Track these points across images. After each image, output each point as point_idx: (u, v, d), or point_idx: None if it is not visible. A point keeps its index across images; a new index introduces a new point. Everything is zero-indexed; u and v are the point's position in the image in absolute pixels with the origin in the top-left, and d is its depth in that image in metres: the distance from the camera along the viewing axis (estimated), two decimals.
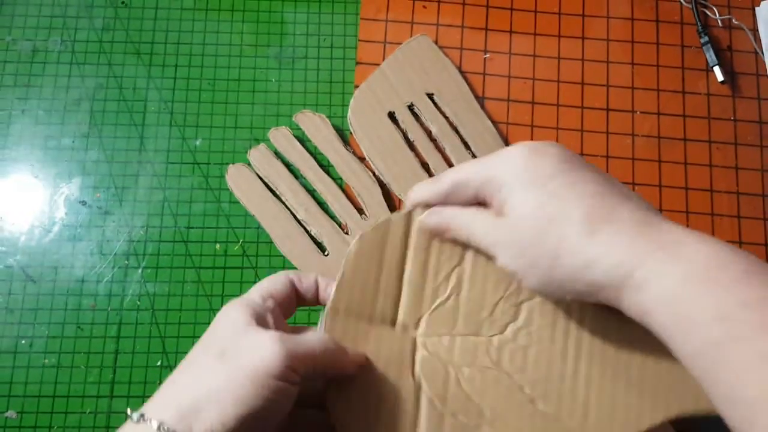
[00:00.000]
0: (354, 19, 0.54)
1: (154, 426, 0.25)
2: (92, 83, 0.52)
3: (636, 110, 0.53)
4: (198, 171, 0.50)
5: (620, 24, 0.55)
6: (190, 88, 0.52)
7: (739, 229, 0.50)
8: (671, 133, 0.52)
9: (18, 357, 0.46)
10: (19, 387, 0.46)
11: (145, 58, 0.53)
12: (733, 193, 0.51)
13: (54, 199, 0.50)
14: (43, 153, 0.51)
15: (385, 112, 0.51)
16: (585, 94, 0.53)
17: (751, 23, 0.55)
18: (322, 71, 0.53)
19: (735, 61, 0.54)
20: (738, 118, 0.53)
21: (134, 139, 0.51)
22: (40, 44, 0.53)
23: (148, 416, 0.26)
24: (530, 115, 0.52)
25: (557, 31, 0.54)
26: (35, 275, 0.48)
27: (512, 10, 0.55)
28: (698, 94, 0.53)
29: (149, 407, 0.27)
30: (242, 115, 0.52)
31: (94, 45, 0.53)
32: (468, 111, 0.51)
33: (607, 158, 0.52)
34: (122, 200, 0.50)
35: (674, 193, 0.51)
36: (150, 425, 0.26)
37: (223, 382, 0.27)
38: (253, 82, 0.53)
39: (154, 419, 0.26)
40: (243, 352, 0.27)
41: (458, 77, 0.52)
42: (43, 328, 0.47)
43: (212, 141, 0.51)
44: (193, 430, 0.25)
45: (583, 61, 0.54)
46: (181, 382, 0.28)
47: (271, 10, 0.54)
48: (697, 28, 0.54)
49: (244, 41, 0.54)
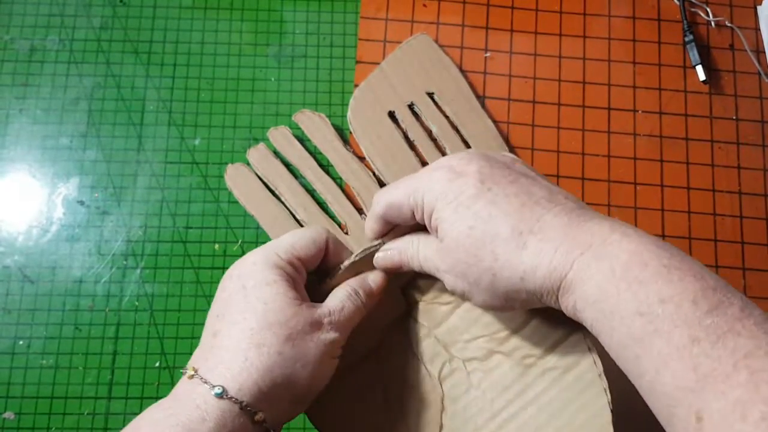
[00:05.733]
0: (354, 17, 0.54)
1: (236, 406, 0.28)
2: (90, 82, 0.52)
3: (638, 109, 0.52)
4: (197, 171, 0.50)
5: (622, 23, 0.55)
6: (188, 87, 0.52)
7: (741, 229, 0.50)
8: (673, 133, 0.52)
9: (16, 358, 0.46)
10: (17, 388, 0.46)
11: (143, 57, 0.52)
12: (735, 192, 0.51)
13: (52, 199, 0.49)
14: (41, 153, 0.50)
15: (385, 111, 0.50)
16: (586, 93, 0.53)
17: (752, 23, 0.55)
18: (321, 70, 0.53)
19: (737, 61, 0.54)
20: (740, 118, 0.52)
21: (132, 138, 0.51)
22: (38, 43, 0.53)
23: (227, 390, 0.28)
24: (531, 114, 0.52)
25: (558, 29, 0.54)
26: (33, 276, 0.48)
27: (513, 9, 0.54)
28: (700, 93, 0.53)
29: (223, 377, 0.28)
30: (241, 114, 0.52)
31: (93, 44, 0.53)
32: (468, 110, 0.51)
33: (608, 158, 0.51)
34: (120, 200, 0.49)
35: (676, 193, 0.51)
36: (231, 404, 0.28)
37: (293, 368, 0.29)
38: (252, 81, 0.52)
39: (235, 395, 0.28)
40: (306, 338, 0.30)
41: (459, 76, 0.51)
42: (41, 328, 0.47)
43: (211, 140, 0.51)
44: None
45: (585, 60, 0.53)
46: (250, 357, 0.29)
47: (270, 9, 0.54)
48: (682, 25, 0.54)
49: (243, 40, 0.53)
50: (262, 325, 0.29)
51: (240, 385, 0.28)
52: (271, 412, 0.29)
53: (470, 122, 0.50)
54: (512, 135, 0.52)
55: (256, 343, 0.29)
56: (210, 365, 0.29)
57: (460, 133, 0.50)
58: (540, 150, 0.51)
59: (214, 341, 0.30)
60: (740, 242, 0.50)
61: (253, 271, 0.31)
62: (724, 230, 0.50)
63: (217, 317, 0.31)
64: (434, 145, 0.50)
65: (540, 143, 0.51)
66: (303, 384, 0.30)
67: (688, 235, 0.50)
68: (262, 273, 0.31)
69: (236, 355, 0.29)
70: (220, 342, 0.30)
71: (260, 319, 0.29)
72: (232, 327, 0.30)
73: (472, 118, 0.50)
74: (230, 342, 0.29)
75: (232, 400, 0.28)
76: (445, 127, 0.50)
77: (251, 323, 0.29)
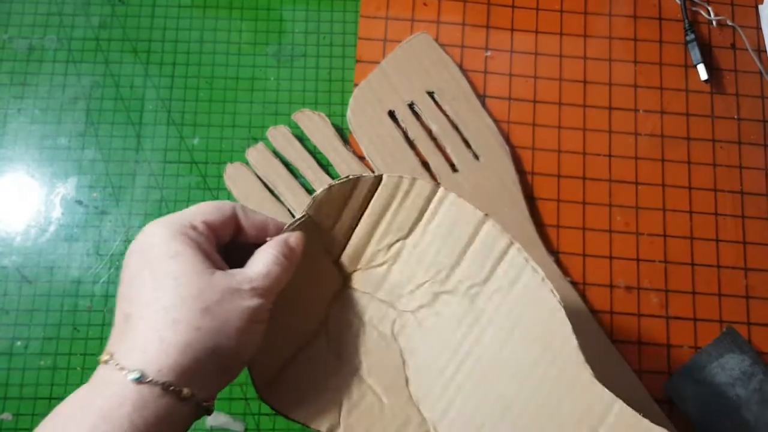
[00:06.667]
0: (354, 16, 0.54)
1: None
2: (89, 81, 0.52)
3: (639, 109, 0.52)
4: (196, 170, 0.50)
5: (623, 22, 0.54)
6: (187, 86, 0.52)
7: (743, 229, 0.50)
8: (674, 132, 0.52)
9: (13, 359, 0.46)
10: (15, 389, 0.45)
11: (142, 56, 0.52)
12: (737, 192, 0.50)
13: (50, 199, 0.49)
14: (39, 152, 0.50)
15: (385, 110, 0.50)
16: (587, 93, 0.52)
17: (754, 22, 0.54)
18: (321, 69, 0.52)
19: (739, 60, 0.53)
20: (741, 117, 0.52)
21: (131, 138, 0.50)
22: (36, 42, 0.52)
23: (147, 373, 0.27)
24: (532, 113, 0.52)
25: (559, 28, 0.54)
26: (31, 276, 0.48)
27: (514, 8, 0.54)
28: (701, 92, 0.53)
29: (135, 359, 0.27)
30: (240, 113, 0.51)
31: (91, 43, 0.53)
32: (469, 109, 0.50)
33: (609, 157, 0.51)
34: (119, 200, 0.49)
35: (677, 193, 0.50)
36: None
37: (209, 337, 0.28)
38: (251, 80, 0.52)
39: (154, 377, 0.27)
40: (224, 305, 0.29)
41: (459, 75, 0.51)
42: (39, 329, 0.47)
43: (210, 140, 0.51)
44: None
45: (586, 59, 0.53)
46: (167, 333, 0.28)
47: (269, 8, 0.54)
48: (683, 24, 0.54)
49: (242, 39, 0.53)
50: (174, 302, 0.28)
51: (160, 367, 0.27)
52: (198, 386, 0.28)
53: (471, 121, 0.50)
54: (513, 134, 0.51)
55: (171, 320, 0.28)
56: (125, 350, 0.28)
57: (460, 132, 0.50)
58: (541, 149, 0.51)
59: (126, 326, 0.28)
60: (742, 242, 0.49)
61: (155, 243, 0.29)
62: (726, 230, 0.50)
63: (126, 301, 0.29)
64: (434, 144, 0.50)
65: (541, 142, 0.51)
66: (229, 354, 0.29)
67: (689, 235, 0.49)
68: (166, 245, 0.29)
69: (151, 336, 0.27)
70: (134, 325, 0.28)
71: (172, 295, 0.28)
72: (144, 308, 0.28)
73: (473, 117, 0.50)
74: (144, 323, 0.28)
75: (151, 383, 0.27)
76: (445, 127, 0.50)
77: (163, 302, 0.28)
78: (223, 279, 0.29)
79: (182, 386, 0.27)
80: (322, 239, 0.36)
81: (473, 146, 0.50)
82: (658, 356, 0.47)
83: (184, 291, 0.28)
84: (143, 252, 0.29)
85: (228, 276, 0.30)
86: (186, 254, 0.29)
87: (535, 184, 0.50)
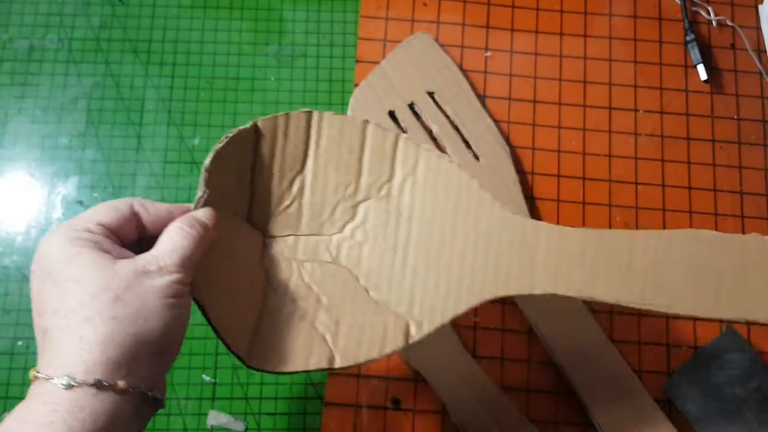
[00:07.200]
0: (354, 16, 0.54)
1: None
2: (89, 82, 0.52)
3: (639, 109, 0.52)
4: (196, 171, 0.50)
5: (623, 21, 0.54)
6: (188, 86, 0.52)
7: (742, 229, 0.50)
8: (674, 132, 0.52)
9: (14, 358, 0.46)
10: (16, 389, 0.45)
11: (142, 56, 0.52)
12: (736, 192, 0.51)
13: (51, 199, 0.49)
14: (40, 152, 0.50)
15: (385, 110, 0.50)
16: (587, 93, 0.52)
17: (754, 22, 0.54)
18: (321, 69, 0.53)
19: (738, 60, 0.54)
20: (741, 117, 0.52)
21: (132, 138, 0.51)
22: (37, 42, 0.53)
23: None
24: (532, 113, 0.52)
25: (559, 28, 0.54)
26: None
27: (514, 8, 0.54)
28: (701, 92, 0.53)
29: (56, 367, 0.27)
30: (241, 113, 0.51)
31: (91, 43, 0.53)
32: (469, 110, 0.50)
33: (609, 157, 0.51)
34: None
35: (677, 193, 0.50)
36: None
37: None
38: (251, 80, 0.52)
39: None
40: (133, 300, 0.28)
41: (459, 75, 0.51)
42: None
43: (210, 140, 0.51)
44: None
45: (586, 59, 0.53)
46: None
47: (270, 8, 0.54)
48: (683, 25, 0.54)
49: (242, 39, 0.53)
50: (83, 301, 0.27)
51: (86, 367, 0.26)
52: (135, 376, 0.27)
53: (471, 122, 0.50)
54: (513, 134, 0.51)
55: (84, 319, 0.27)
56: (48, 360, 0.27)
57: (460, 132, 0.50)
58: (541, 149, 0.51)
59: (45, 339, 0.28)
60: None
61: (51, 252, 0.28)
62: (726, 230, 0.49)
63: (39, 316, 0.28)
64: (434, 144, 0.50)
65: (541, 143, 0.51)
66: (156, 336, 0.28)
67: None
68: (62, 251, 0.28)
69: (70, 340, 0.27)
70: (51, 336, 0.27)
71: (79, 295, 0.27)
72: (55, 317, 0.27)
73: (473, 117, 0.50)
74: (59, 332, 0.27)
75: (82, 385, 0.26)
76: (445, 127, 0.50)
77: (72, 304, 0.27)
78: (128, 265, 0.28)
79: (116, 380, 0.27)
80: (229, 205, 0.35)
81: (473, 146, 0.50)
82: (658, 356, 0.47)
83: (90, 287, 0.27)
84: (41, 264, 0.29)
85: (133, 261, 0.29)
86: (83, 253, 0.28)
87: (535, 184, 0.50)
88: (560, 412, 0.46)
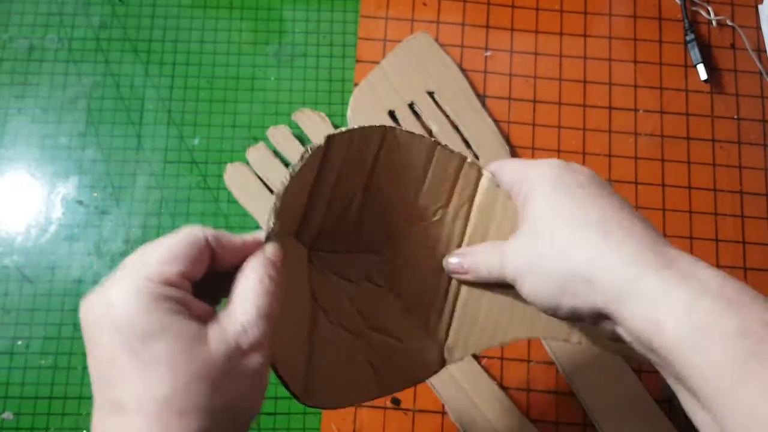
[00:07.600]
0: (354, 16, 0.54)
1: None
2: (89, 81, 0.52)
3: (639, 109, 0.52)
4: (196, 170, 0.50)
5: (622, 21, 0.54)
6: (188, 86, 0.52)
7: (742, 229, 0.50)
8: (674, 132, 0.52)
9: (14, 358, 0.46)
10: (16, 388, 0.46)
11: (142, 56, 0.52)
12: (736, 192, 0.51)
13: (51, 199, 0.49)
14: (40, 152, 0.50)
15: (385, 110, 0.50)
16: (587, 92, 0.52)
17: (753, 22, 0.54)
18: (321, 69, 0.53)
19: (738, 60, 0.53)
20: (741, 117, 0.52)
21: (131, 137, 0.51)
22: (37, 42, 0.53)
23: None
24: (531, 113, 0.52)
25: (559, 28, 0.54)
26: (32, 275, 0.48)
27: (513, 8, 0.54)
28: (701, 92, 0.53)
29: None
30: (241, 113, 0.51)
31: (91, 43, 0.53)
32: (469, 109, 0.50)
33: (609, 157, 0.51)
34: (119, 200, 0.49)
35: (677, 193, 0.50)
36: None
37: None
38: (251, 80, 0.52)
39: None
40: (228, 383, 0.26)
41: (459, 75, 0.51)
42: (40, 329, 0.47)
43: (210, 140, 0.51)
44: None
45: (585, 59, 0.53)
46: None
47: (270, 8, 0.54)
48: (683, 24, 0.54)
49: (242, 39, 0.53)
50: (176, 390, 0.24)
51: None
52: None
53: (471, 121, 0.50)
54: (513, 134, 0.51)
55: (176, 413, 0.24)
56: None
57: (460, 132, 0.50)
58: (540, 149, 0.51)
59: (118, 416, 0.24)
60: (741, 242, 0.49)
61: (130, 318, 0.24)
62: (726, 230, 0.50)
63: (109, 383, 0.25)
64: None
65: (540, 142, 0.51)
66: (244, 412, 0.26)
67: (689, 234, 0.49)
68: (145, 318, 0.24)
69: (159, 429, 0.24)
70: (130, 421, 0.24)
71: (170, 382, 0.24)
72: (138, 399, 0.24)
73: (473, 117, 0.50)
74: (144, 419, 0.24)
75: None
76: (445, 127, 0.50)
77: (163, 391, 0.24)
78: (221, 346, 0.25)
79: None
80: (285, 225, 0.32)
81: (473, 146, 0.50)
82: None
83: (183, 377, 0.24)
84: (119, 328, 0.24)
85: (224, 337, 0.25)
86: (172, 329, 0.24)
87: None
88: (560, 412, 0.46)
